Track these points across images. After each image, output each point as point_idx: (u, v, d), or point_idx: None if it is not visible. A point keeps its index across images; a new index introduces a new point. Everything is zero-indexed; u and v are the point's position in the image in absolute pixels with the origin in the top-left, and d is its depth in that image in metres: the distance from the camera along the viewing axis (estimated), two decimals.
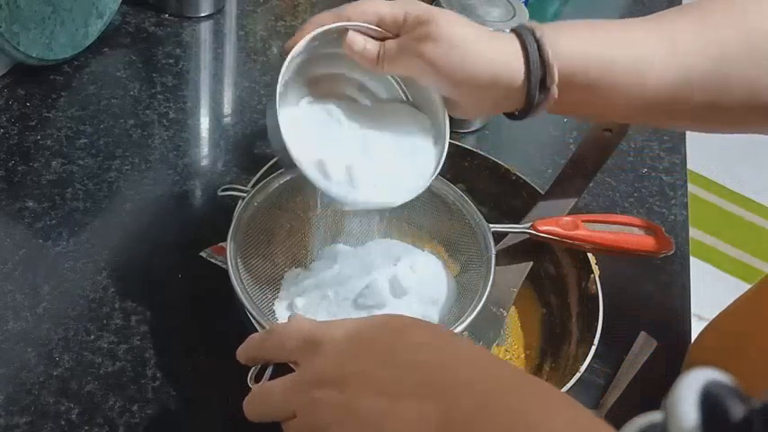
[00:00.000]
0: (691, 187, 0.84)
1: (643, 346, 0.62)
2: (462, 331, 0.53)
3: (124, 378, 0.54)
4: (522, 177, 0.65)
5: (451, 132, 0.55)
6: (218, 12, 0.89)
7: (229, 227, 0.56)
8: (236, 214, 0.57)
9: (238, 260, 0.54)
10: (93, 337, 0.56)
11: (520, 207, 0.64)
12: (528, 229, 0.59)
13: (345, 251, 0.62)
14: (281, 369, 0.44)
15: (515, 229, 0.59)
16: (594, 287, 0.58)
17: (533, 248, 0.61)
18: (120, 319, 0.57)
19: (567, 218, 0.59)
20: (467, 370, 0.37)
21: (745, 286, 0.82)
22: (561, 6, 1.07)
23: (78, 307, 0.57)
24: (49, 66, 0.75)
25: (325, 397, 0.38)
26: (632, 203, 0.80)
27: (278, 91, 0.49)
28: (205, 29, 0.77)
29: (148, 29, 0.84)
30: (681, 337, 0.67)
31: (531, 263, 0.61)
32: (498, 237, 0.59)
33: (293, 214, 0.62)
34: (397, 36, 0.51)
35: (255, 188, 0.58)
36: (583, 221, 0.58)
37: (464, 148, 0.67)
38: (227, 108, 0.76)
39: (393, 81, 0.57)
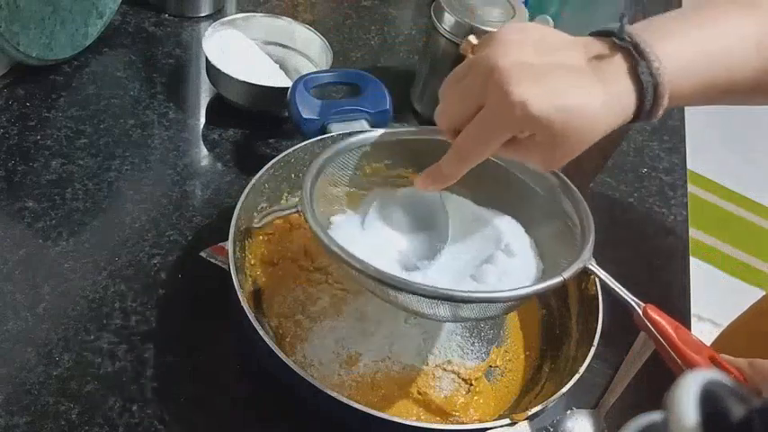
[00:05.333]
0: (691, 187, 0.85)
1: (643, 347, 0.62)
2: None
3: (124, 378, 0.54)
4: (523, 178, 0.65)
5: None
6: (218, 12, 0.89)
7: (229, 227, 0.56)
8: (235, 214, 0.57)
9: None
10: (93, 337, 0.56)
11: (521, 209, 0.64)
12: (636, 305, 0.51)
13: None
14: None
15: (622, 295, 0.51)
16: (594, 288, 0.58)
17: None
18: (120, 319, 0.57)
19: (690, 333, 0.49)
20: None
21: (745, 286, 0.83)
22: (561, 6, 1.07)
23: (78, 307, 0.57)
24: (49, 66, 0.75)
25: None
26: (632, 203, 0.80)
27: None
28: (205, 29, 0.77)
29: (148, 29, 0.84)
30: None
31: None
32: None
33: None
34: None
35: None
36: (710, 356, 0.47)
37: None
38: (227, 108, 0.76)
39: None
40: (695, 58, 0.47)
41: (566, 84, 0.43)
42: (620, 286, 0.52)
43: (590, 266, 0.51)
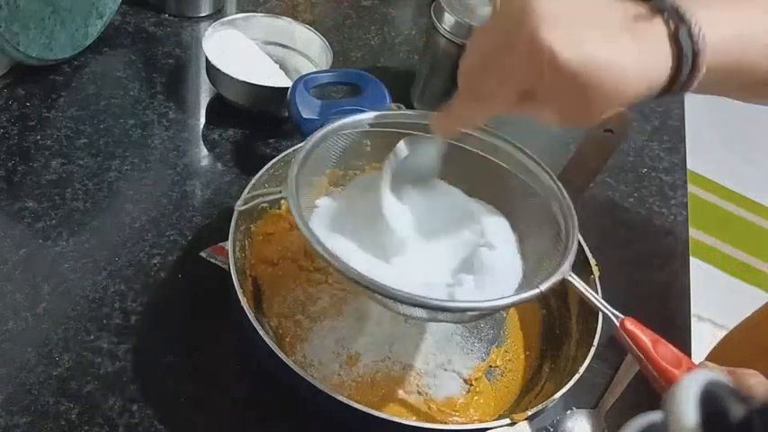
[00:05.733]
0: (691, 187, 0.85)
1: None
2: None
3: (124, 378, 0.54)
4: (523, 178, 0.65)
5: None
6: (218, 12, 0.89)
7: (229, 227, 0.56)
8: (235, 214, 0.57)
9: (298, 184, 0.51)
10: (93, 337, 0.56)
11: (514, 210, 0.64)
12: (614, 317, 0.49)
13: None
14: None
15: (601, 307, 0.51)
16: (594, 288, 0.58)
17: None
18: (120, 319, 0.57)
19: (670, 346, 0.48)
20: None
21: (745, 286, 0.82)
22: None
23: (78, 307, 0.57)
24: (49, 66, 0.75)
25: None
26: (632, 203, 0.80)
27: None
28: (205, 29, 0.77)
29: (148, 29, 0.84)
30: (681, 337, 0.67)
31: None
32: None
33: None
34: None
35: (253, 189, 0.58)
36: (689, 369, 0.47)
37: (465, 148, 0.67)
38: (227, 108, 0.76)
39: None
40: (732, 35, 0.45)
41: (599, 38, 0.42)
42: (598, 298, 0.51)
43: (569, 278, 0.50)
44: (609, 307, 0.50)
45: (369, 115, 0.59)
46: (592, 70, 0.41)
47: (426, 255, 0.54)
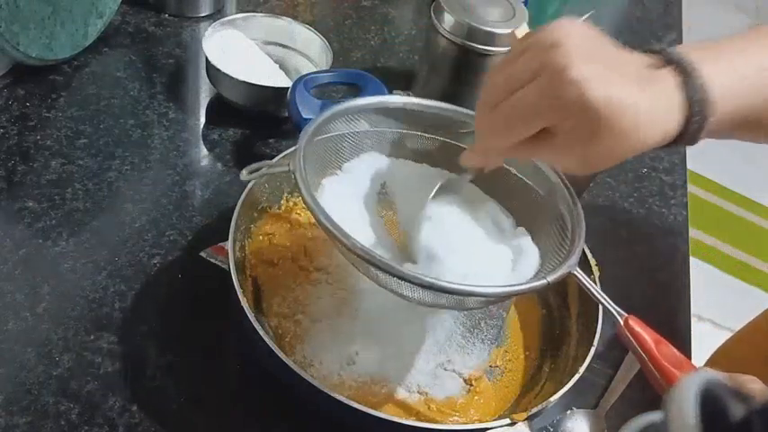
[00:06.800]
0: (691, 187, 0.85)
1: None
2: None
3: (124, 378, 0.54)
4: (523, 178, 0.65)
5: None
6: (218, 12, 0.89)
7: (229, 227, 0.56)
8: (235, 214, 0.57)
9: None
10: (93, 337, 0.56)
11: (520, 208, 0.64)
12: (618, 315, 0.50)
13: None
14: None
15: (605, 304, 0.51)
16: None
17: None
18: (119, 319, 0.57)
19: (672, 348, 0.48)
20: None
21: (745, 286, 0.82)
22: (561, 6, 1.07)
23: (78, 307, 0.57)
24: (49, 66, 0.75)
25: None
26: (632, 203, 0.80)
27: None
28: (205, 29, 0.77)
29: (148, 29, 0.84)
30: (681, 337, 0.67)
31: None
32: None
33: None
34: None
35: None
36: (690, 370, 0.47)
37: (464, 148, 0.67)
38: (227, 108, 0.76)
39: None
40: (736, 83, 0.46)
41: (622, 81, 0.42)
42: (603, 295, 0.51)
43: (575, 273, 0.50)
44: (613, 304, 0.50)
45: (380, 99, 0.59)
46: (614, 111, 0.41)
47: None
